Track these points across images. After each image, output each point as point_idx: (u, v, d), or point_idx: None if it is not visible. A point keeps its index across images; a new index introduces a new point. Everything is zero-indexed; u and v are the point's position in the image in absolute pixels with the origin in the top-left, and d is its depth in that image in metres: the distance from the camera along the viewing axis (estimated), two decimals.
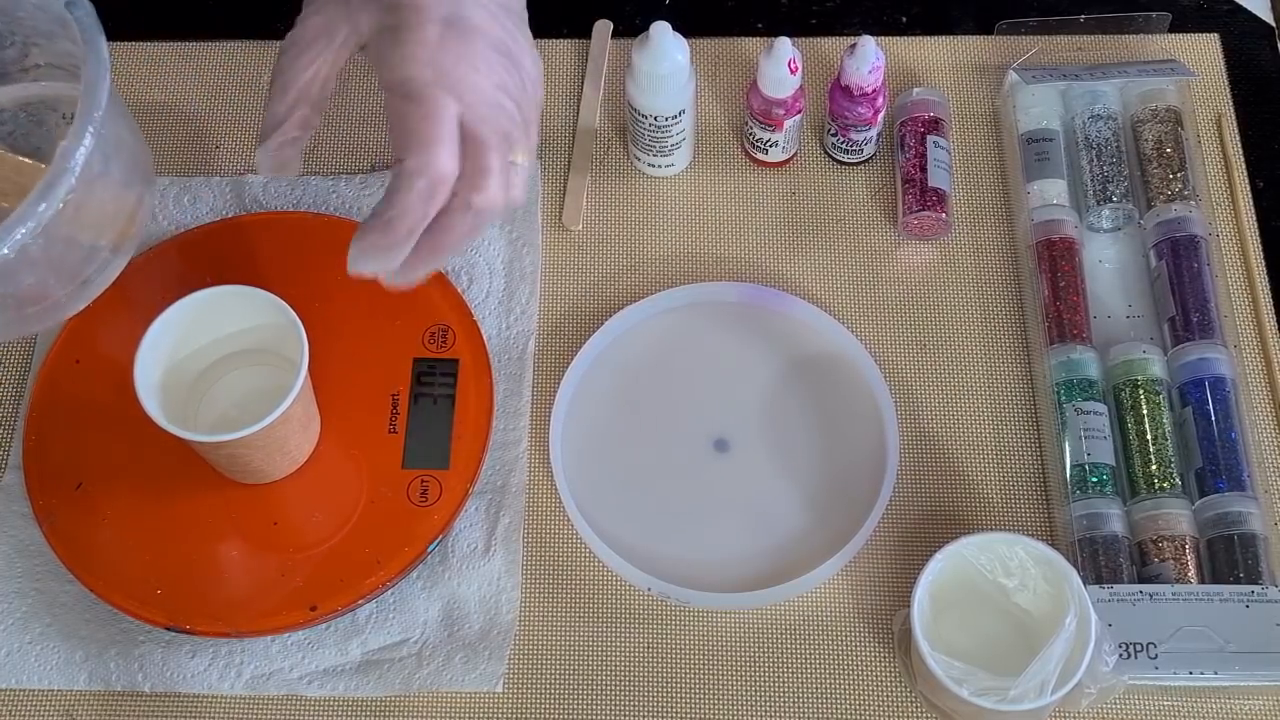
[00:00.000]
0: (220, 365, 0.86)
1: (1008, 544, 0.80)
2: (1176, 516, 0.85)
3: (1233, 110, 1.01)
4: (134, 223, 0.80)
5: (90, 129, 0.71)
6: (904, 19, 1.06)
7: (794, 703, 0.85)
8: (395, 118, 0.70)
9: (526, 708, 0.85)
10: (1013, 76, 0.99)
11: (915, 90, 0.99)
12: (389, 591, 0.86)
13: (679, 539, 0.89)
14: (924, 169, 0.96)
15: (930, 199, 0.95)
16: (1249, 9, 1.05)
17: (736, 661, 0.86)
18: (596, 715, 0.84)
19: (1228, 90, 1.02)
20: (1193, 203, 0.94)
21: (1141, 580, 0.84)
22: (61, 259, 0.75)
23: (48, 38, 0.81)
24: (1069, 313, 0.91)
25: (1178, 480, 0.87)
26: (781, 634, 0.86)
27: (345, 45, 0.73)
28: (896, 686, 0.85)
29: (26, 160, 0.81)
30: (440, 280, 0.93)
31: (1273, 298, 0.94)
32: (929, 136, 0.97)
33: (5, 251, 0.70)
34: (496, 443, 0.91)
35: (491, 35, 0.72)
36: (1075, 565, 0.81)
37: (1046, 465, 0.90)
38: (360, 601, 0.85)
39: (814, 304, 0.94)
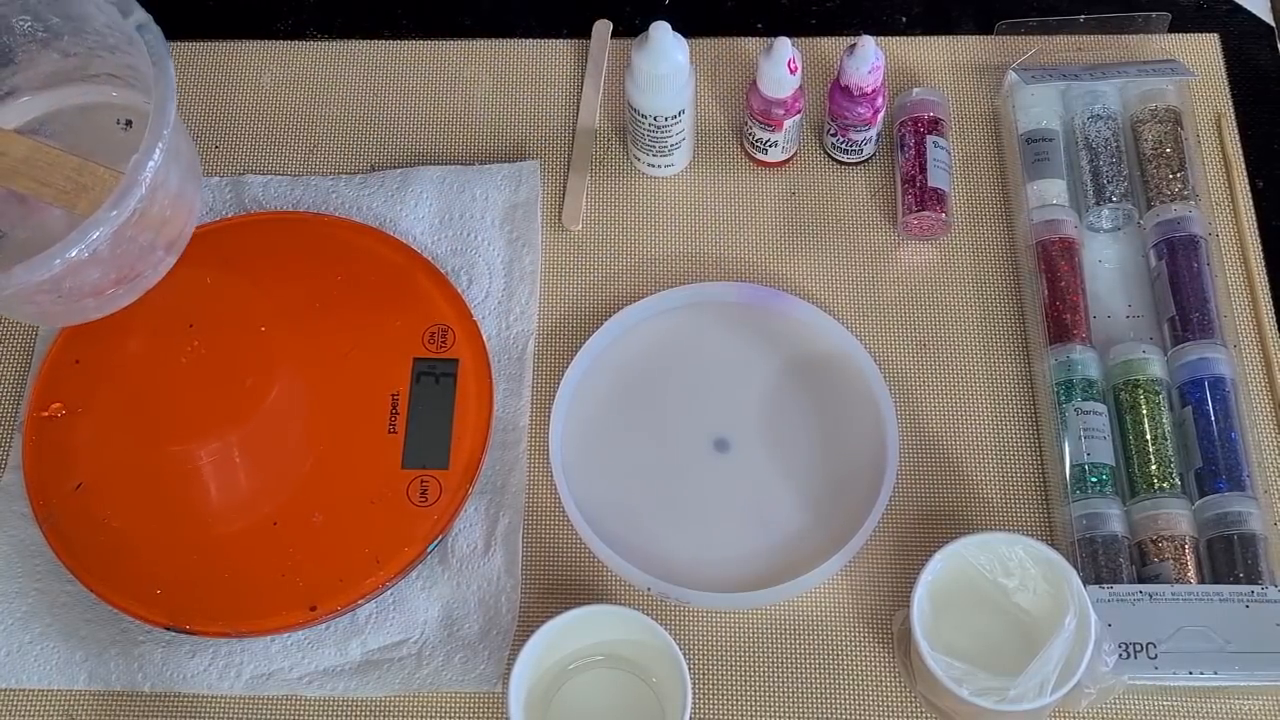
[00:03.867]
0: (574, 669, 0.85)
1: (1007, 544, 0.80)
2: (1176, 516, 0.85)
3: (1232, 110, 1.01)
4: (188, 224, 0.88)
5: (160, 145, 0.80)
6: (904, 19, 1.06)
7: (793, 702, 0.85)
8: None
9: None
10: (1012, 76, 0.99)
11: (915, 90, 0.99)
12: (389, 591, 0.86)
13: (679, 539, 0.89)
14: (924, 169, 0.96)
15: (930, 199, 0.95)
16: (1249, 9, 1.05)
17: (736, 661, 0.86)
18: None
19: (1227, 90, 1.02)
20: (1192, 203, 0.94)
21: (1141, 580, 0.84)
22: (123, 257, 0.83)
23: (112, 51, 0.89)
24: (1069, 312, 0.91)
25: (1177, 480, 0.87)
26: (781, 634, 0.86)
27: None
28: (896, 686, 0.85)
29: (86, 161, 0.88)
30: (440, 280, 0.93)
31: (1272, 298, 0.94)
32: (928, 136, 0.97)
33: (83, 251, 0.78)
34: (496, 443, 0.91)
35: None
36: (1075, 565, 0.81)
37: (1046, 465, 0.90)
38: (360, 601, 0.85)
39: (814, 304, 0.94)
